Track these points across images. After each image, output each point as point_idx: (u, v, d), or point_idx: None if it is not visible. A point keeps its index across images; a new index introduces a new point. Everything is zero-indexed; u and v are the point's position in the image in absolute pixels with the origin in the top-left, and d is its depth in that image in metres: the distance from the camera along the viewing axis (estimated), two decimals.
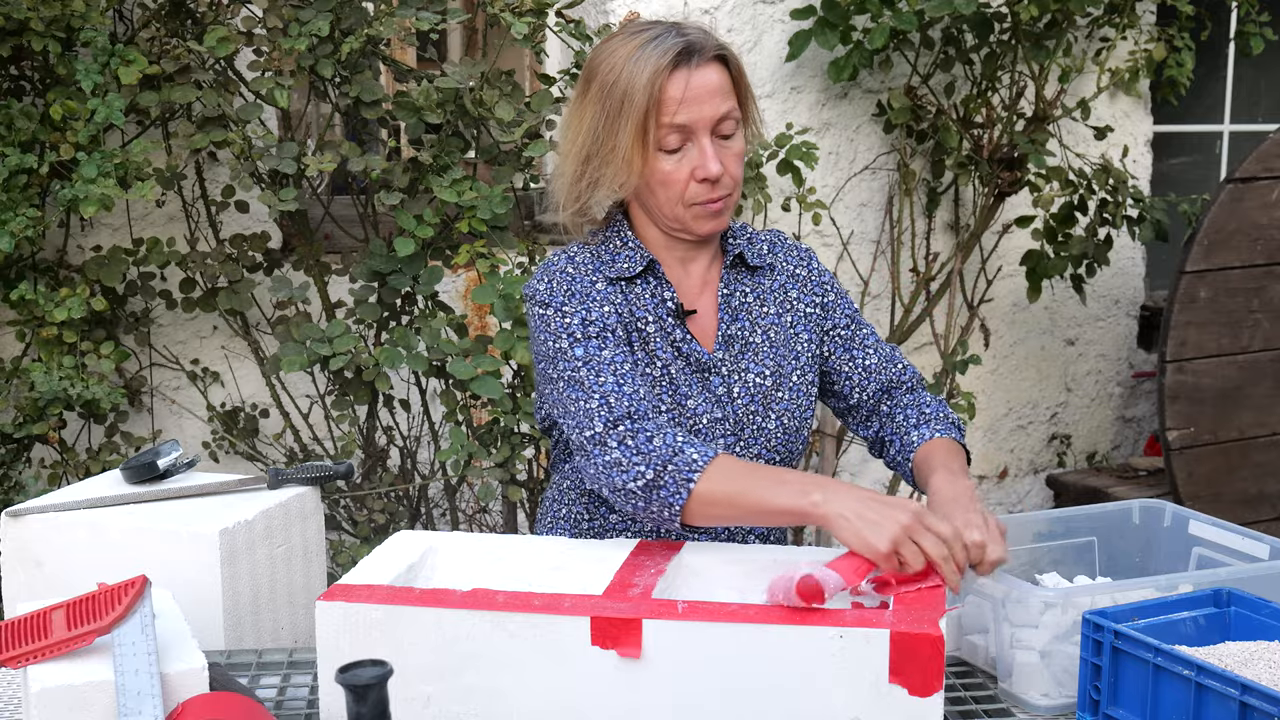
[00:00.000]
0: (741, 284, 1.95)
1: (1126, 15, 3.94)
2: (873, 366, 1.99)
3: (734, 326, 1.92)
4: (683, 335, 1.88)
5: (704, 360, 1.88)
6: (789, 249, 2.02)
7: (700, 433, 1.86)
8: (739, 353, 1.91)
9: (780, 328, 1.94)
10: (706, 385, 1.88)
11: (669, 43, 1.79)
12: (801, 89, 3.89)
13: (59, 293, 3.08)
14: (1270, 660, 1.46)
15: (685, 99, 1.78)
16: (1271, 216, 3.80)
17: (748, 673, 1.40)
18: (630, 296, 1.88)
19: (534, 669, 1.43)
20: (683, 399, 1.86)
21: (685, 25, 1.85)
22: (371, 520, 3.35)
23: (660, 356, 1.87)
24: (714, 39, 1.83)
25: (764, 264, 1.97)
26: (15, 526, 1.91)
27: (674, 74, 1.78)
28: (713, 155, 1.79)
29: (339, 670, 1.21)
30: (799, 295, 1.97)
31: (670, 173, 1.81)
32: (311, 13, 3.04)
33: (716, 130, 1.81)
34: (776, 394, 1.91)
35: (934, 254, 4.07)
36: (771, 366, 1.91)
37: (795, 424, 1.92)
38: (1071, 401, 4.53)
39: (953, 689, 1.68)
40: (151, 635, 1.41)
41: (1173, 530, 1.91)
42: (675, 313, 1.88)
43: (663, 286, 1.89)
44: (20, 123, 2.99)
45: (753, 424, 1.89)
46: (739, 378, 1.90)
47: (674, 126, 1.78)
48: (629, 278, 1.88)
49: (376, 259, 3.16)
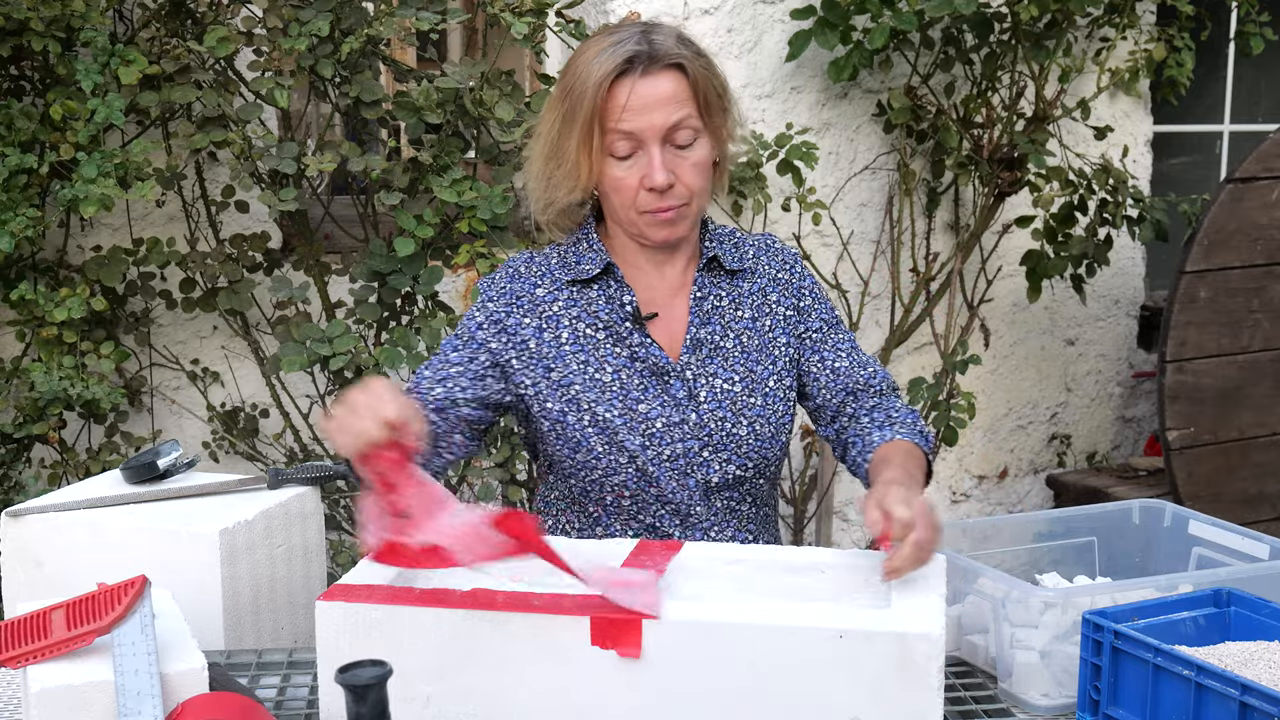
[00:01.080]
0: (717, 287, 1.93)
1: (1126, 15, 3.94)
2: (841, 369, 1.95)
3: (704, 330, 1.90)
4: (640, 339, 1.87)
5: (662, 364, 1.86)
6: (775, 253, 1.99)
7: (656, 437, 1.84)
8: (707, 357, 1.89)
9: (755, 332, 1.92)
10: (665, 389, 1.86)
11: (623, 49, 1.77)
12: (801, 89, 3.89)
13: (59, 293, 3.08)
14: (1270, 660, 1.46)
15: (631, 106, 1.77)
16: (1271, 216, 3.80)
17: (748, 673, 1.40)
18: (582, 301, 1.88)
19: (534, 669, 1.43)
20: (634, 404, 1.85)
21: (656, 30, 1.82)
22: None
23: (610, 363, 1.86)
24: (674, 47, 1.80)
25: (743, 267, 1.94)
26: (15, 526, 1.91)
27: (620, 80, 1.77)
28: (659, 165, 1.78)
29: (339, 670, 1.21)
30: (779, 299, 1.95)
31: (620, 179, 1.81)
32: (311, 13, 3.04)
33: (669, 139, 1.79)
34: (749, 400, 1.88)
35: (934, 254, 4.07)
36: (742, 372, 1.89)
37: (770, 431, 1.89)
38: (1071, 401, 4.53)
39: (953, 689, 1.68)
40: (151, 635, 1.41)
41: (1173, 530, 1.91)
42: (633, 317, 1.87)
43: (622, 290, 1.88)
44: (20, 123, 2.99)
45: (722, 430, 1.87)
46: (706, 382, 1.87)
47: (621, 133, 1.78)
48: (585, 280, 1.88)
49: (376, 259, 3.16)
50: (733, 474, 1.88)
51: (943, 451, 4.14)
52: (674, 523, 1.89)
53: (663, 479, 1.86)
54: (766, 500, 1.97)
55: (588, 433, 1.86)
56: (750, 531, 1.94)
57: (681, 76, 1.79)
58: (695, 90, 1.80)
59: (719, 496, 1.89)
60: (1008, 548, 1.91)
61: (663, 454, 1.86)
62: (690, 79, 1.80)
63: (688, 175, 1.81)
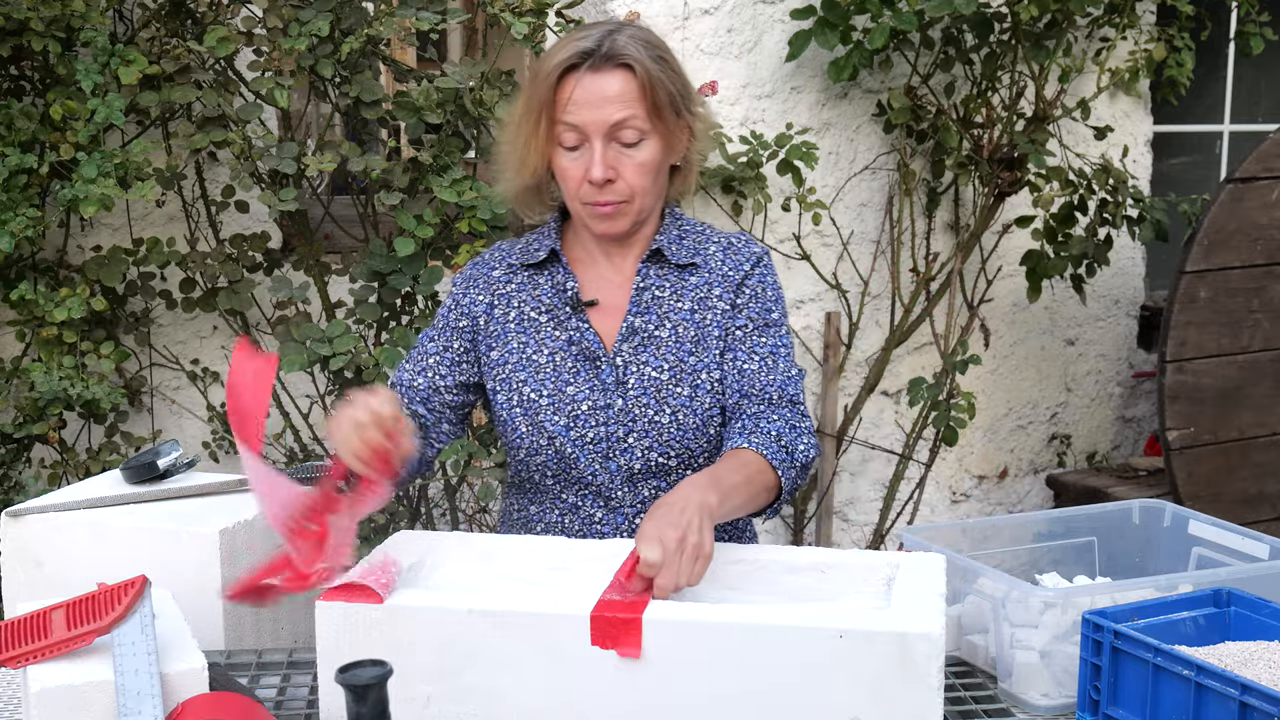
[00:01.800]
0: (661, 279, 1.96)
1: (1126, 15, 3.94)
2: (747, 371, 1.91)
3: (640, 319, 1.93)
4: (578, 324, 1.93)
5: (594, 349, 1.92)
6: (736, 251, 1.98)
7: (580, 419, 1.90)
8: (640, 345, 1.92)
9: (691, 324, 1.93)
10: (596, 374, 1.91)
11: (580, 44, 1.83)
12: (801, 89, 3.89)
13: (59, 293, 3.08)
14: (1270, 660, 1.46)
15: (576, 100, 1.82)
16: (1271, 216, 3.80)
17: (748, 673, 1.40)
18: (530, 285, 1.97)
19: (534, 669, 1.43)
20: (563, 385, 1.91)
21: (622, 30, 1.86)
22: (371, 520, 3.35)
23: (547, 345, 1.93)
24: (630, 47, 1.83)
25: (692, 262, 1.96)
26: (15, 526, 1.91)
27: (570, 74, 1.83)
28: (599, 160, 1.83)
29: (339, 670, 1.21)
30: (721, 294, 1.95)
31: (566, 169, 1.87)
32: (311, 13, 3.04)
33: (614, 136, 1.83)
34: (674, 389, 1.90)
35: (934, 254, 4.07)
36: (672, 361, 1.92)
37: (695, 421, 1.90)
38: (1071, 401, 4.53)
39: (952, 689, 1.68)
40: (151, 635, 1.41)
41: (1173, 530, 1.91)
42: (573, 302, 1.93)
43: (566, 276, 1.95)
44: (20, 123, 2.99)
45: (645, 416, 1.90)
46: (636, 370, 1.91)
47: (567, 125, 1.84)
48: (534, 264, 1.96)
49: (376, 259, 3.16)
50: (655, 460, 1.90)
51: (943, 451, 4.14)
52: (597, 504, 1.93)
53: (583, 460, 1.91)
54: None
55: (514, 412, 1.92)
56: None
57: (630, 77, 1.82)
58: (644, 92, 1.83)
59: (644, 484, 1.92)
60: (1008, 548, 1.91)
61: (585, 436, 1.90)
62: (640, 80, 1.83)
63: (630, 173, 1.85)
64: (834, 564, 1.63)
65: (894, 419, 4.19)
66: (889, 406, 4.17)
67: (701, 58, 3.73)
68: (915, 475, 4.12)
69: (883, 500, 4.08)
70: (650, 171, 1.87)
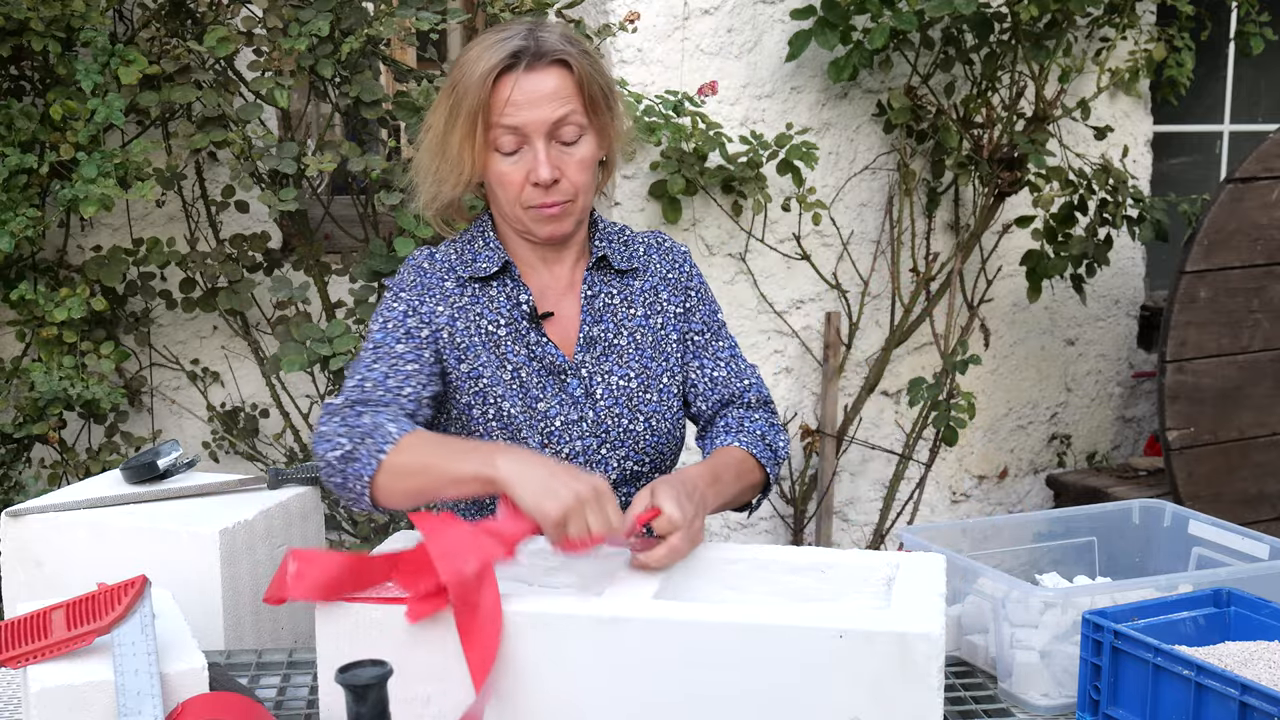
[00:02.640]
0: (608, 285, 1.94)
1: (1126, 15, 3.94)
2: (719, 379, 1.96)
3: (597, 328, 1.91)
4: (537, 338, 1.88)
5: (559, 363, 1.88)
6: (665, 251, 2.00)
7: (554, 435, 1.85)
8: (601, 355, 1.90)
9: (648, 330, 1.93)
10: (563, 387, 1.88)
11: (509, 44, 1.79)
12: (801, 89, 3.89)
13: (59, 293, 3.08)
14: (1270, 660, 1.46)
15: (514, 100, 1.77)
16: (1271, 216, 3.80)
17: (748, 673, 1.40)
18: (484, 298, 1.89)
19: (534, 669, 1.43)
20: (534, 401, 1.86)
21: (543, 27, 1.84)
22: (371, 520, 3.35)
23: (511, 360, 1.87)
24: (559, 44, 1.81)
25: (633, 266, 1.95)
26: (15, 526, 1.91)
27: (505, 76, 1.78)
28: (544, 160, 1.79)
29: (339, 670, 1.21)
30: (669, 297, 1.96)
31: (506, 174, 1.82)
32: (311, 13, 3.04)
33: (555, 135, 1.80)
34: (644, 396, 1.90)
35: (934, 254, 4.07)
36: (637, 369, 1.91)
37: (666, 426, 1.91)
38: (1071, 401, 4.53)
39: (952, 689, 1.68)
40: (151, 635, 1.41)
41: (1173, 530, 1.91)
42: (530, 316, 1.88)
43: (519, 289, 1.89)
44: (20, 123, 2.99)
45: (618, 426, 1.88)
46: (602, 380, 1.89)
47: (506, 128, 1.79)
48: (484, 278, 1.89)
49: (376, 259, 3.16)
50: (630, 469, 1.89)
51: (943, 451, 4.14)
52: None
53: None
54: None
55: (491, 426, 1.85)
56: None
57: (566, 72, 1.80)
58: (580, 87, 1.81)
59: (617, 493, 1.89)
60: (1008, 548, 1.91)
61: (561, 452, 1.86)
62: (575, 75, 1.81)
63: (573, 171, 1.82)
64: (834, 564, 1.63)
65: (894, 419, 4.19)
66: (889, 406, 4.17)
67: (701, 58, 3.73)
68: (915, 475, 4.12)
69: (883, 500, 4.08)
70: (589, 168, 1.84)
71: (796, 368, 3.99)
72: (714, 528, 3.89)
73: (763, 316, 3.92)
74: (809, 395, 4.02)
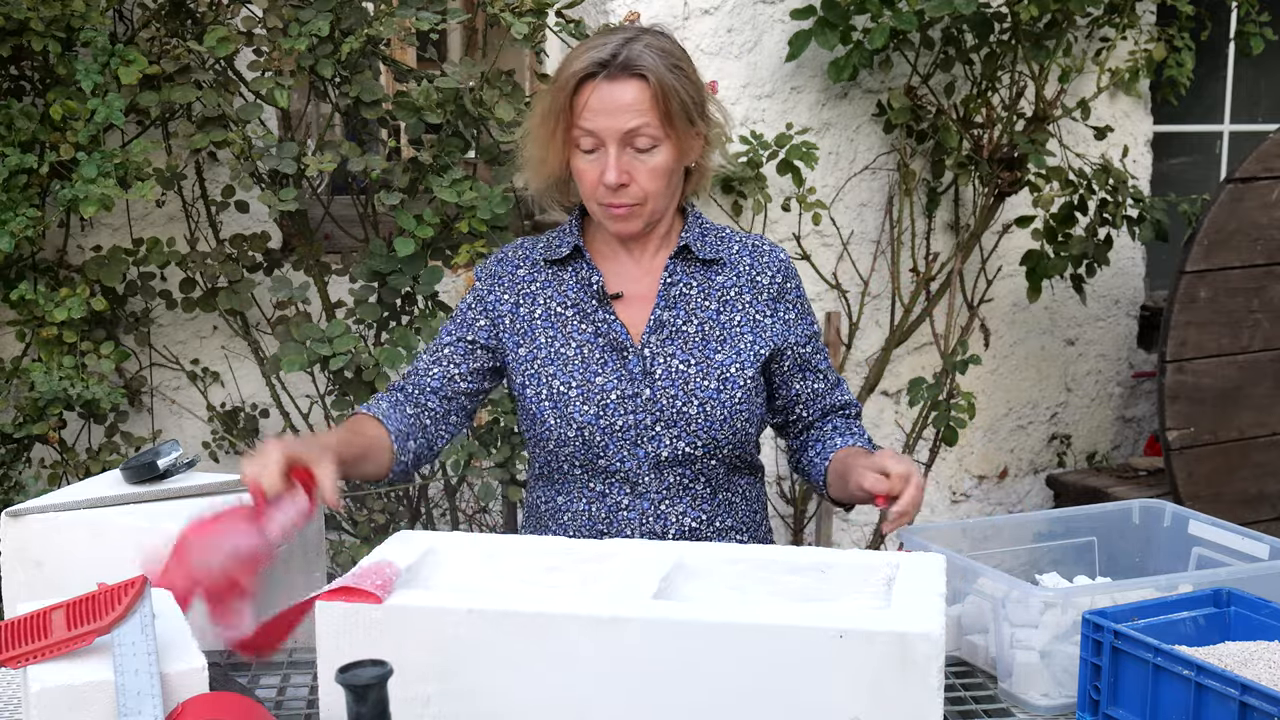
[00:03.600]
0: (689, 275, 2.04)
1: (1126, 15, 3.94)
2: (820, 391, 2.10)
3: (668, 314, 2.01)
4: (605, 316, 2.00)
5: (623, 340, 1.98)
6: (762, 254, 2.08)
7: (609, 408, 1.96)
8: (667, 338, 2.00)
9: (719, 324, 2.02)
10: (624, 364, 1.98)
11: (599, 54, 1.91)
12: (801, 89, 3.89)
13: (59, 293, 3.08)
14: (1270, 660, 1.46)
15: (592, 107, 1.90)
16: (1271, 216, 3.80)
17: (748, 673, 1.40)
18: (555, 281, 2.03)
19: (534, 669, 1.43)
20: (592, 376, 1.98)
21: (640, 39, 1.93)
22: (371, 520, 3.35)
23: (575, 337, 2.00)
24: (646, 57, 1.91)
25: (719, 258, 2.05)
26: (15, 526, 1.91)
27: (587, 82, 1.91)
28: (613, 165, 1.91)
29: (339, 670, 1.21)
30: (752, 300, 2.04)
31: (582, 170, 1.95)
32: (311, 13, 3.04)
33: (628, 142, 1.91)
34: (703, 382, 1.97)
35: (934, 254, 4.07)
36: (699, 356, 1.99)
37: (723, 414, 1.97)
38: (1071, 401, 4.53)
39: (952, 689, 1.68)
40: (151, 635, 1.41)
41: (1173, 530, 1.91)
42: (599, 296, 2.00)
43: (590, 271, 2.02)
44: (20, 123, 2.99)
45: (672, 407, 1.97)
46: (663, 361, 1.98)
47: (584, 130, 1.91)
48: (558, 260, 2.03)
49: (376, 259, 3.16)
50: (682, 450, 1.97)
51: (943, 451, 4.14)
52: (624, 491, 1.99)
53: (611, 448, 1.97)
54: (725, 485, 2.05)
55: (543, 406, 1.98)
56: (705, 511, 2.02)
57: (644, 86, 1.90)
58: (657, 101, 1.91)
59: (670, 471, 1.99)
60: (1008, 548, 1.91)
61: (615, 424, 1.96)
62: (653, 89, 1.90)
63: (643, 178, 1.93)
64: (834, 564, 1.63)
65: (894, 419, 4.19)
66: (889, 406, 4.17)
67: (701, 58, 3.73)
68: None
69: None
70: (662, 176, 1.95)
71: None
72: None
73: None
74: None
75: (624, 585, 1.52)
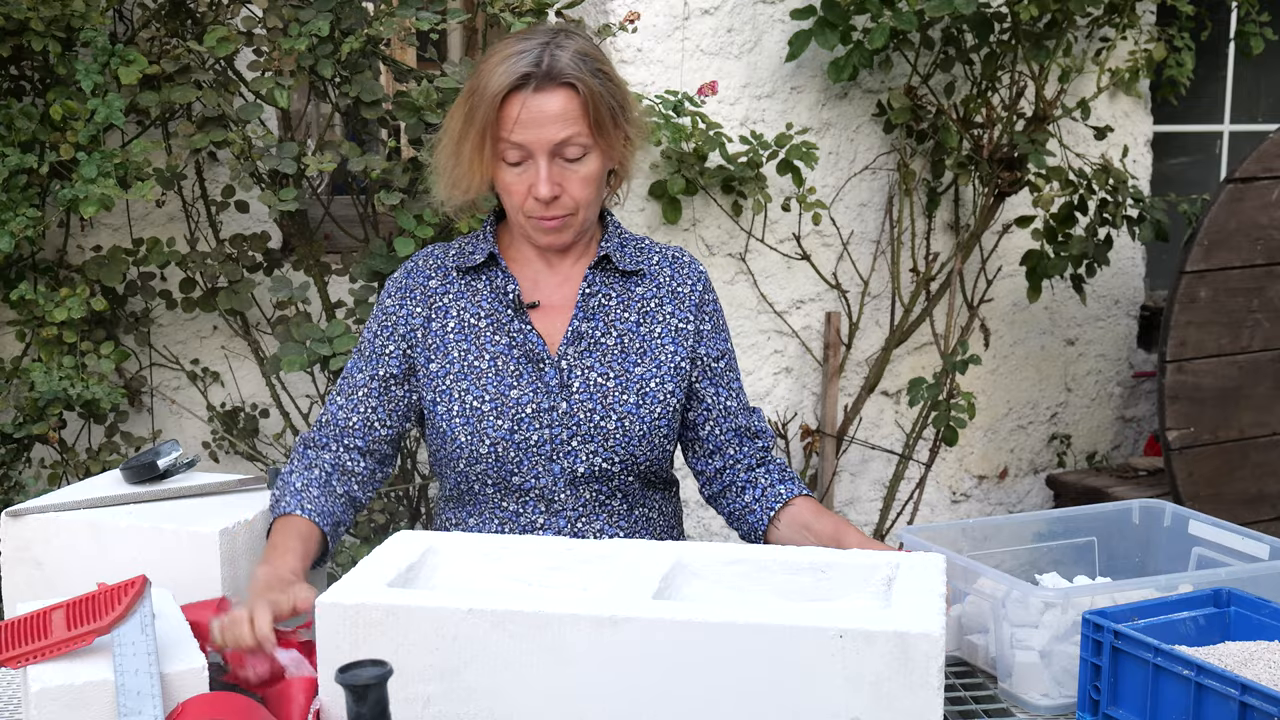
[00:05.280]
0: (608, 285, 1.99)
1: (1126, 15, 3.94)
2: (732, 408, 2.03)
3: (586, 325, 1.96)
4: (520, 326, 1.94)
5: (539, 351, 1.93)
6: (681, 265, 2.03)
7: (523, 422, 1.90)
8: (585, 350, 1.94)
9: (639, 336, 1.97)
10: (540, 376, 1.92)
11: (520, 64, 1.84)
12: (801, 89, 3.89)
13: (59, 293, 3.08)
14: (1270, 660, 1.46)
15: (521, 120, 1.84)
16: (1271, 216, 3.80)
17: (748, 673, 1.40)
18: (469, 290, 1.97)
19: (534, 669, 1.43)
20: (506, 389, 1.92)
21: (560, 44, 1.87)
22: (371, 520, 3.35)
23: (489, 349, 1.94)
24: (570, 66, 1.85)
25: (639, 269, 2.00)
26: (15, 526, 1.91)
27: (513, 95, 1.84)
28: (545, 177, 1.86)
29: (339, 670, 1.21)
30: (674, 310, 1.99)
31: (510, 184, 1.89)
32: (311, 13, 3.04)
33: (558, 153, 1.86)
34: (621, 396, 1.93)
35: (934, 254, 4.07)
36: (619, 370, 1.94)
37: (641, 430, 1.93)
38: (1071, 401, 4.53)
39: (953, 689, 1.68)
40: (151, 635, 1.41)
41: (1173, 530, 1.91)
42: (515, 305, 1.95)
43: (506, 279, 1.96)
44: (20, 123, 2.99)
45: (590, 421, 1.92)
46: (580, 374, 1.93)
47: (511, 143, 1.85)
48: (472, 268, 1.97)
49: (376, 259, 3.16)
50: (599, 466, 1.92)
51: (943, 451, 4.14)
52: (538, 509, 1.94)
53: (526, 464, 1.91)
54: (643, 501, 2.00)
55: (454, 423, 1.92)
56: (621, 528, 1.97)
57: (573, 95, 1.85)
58: (586, 108, 1.86)
59: (586, 487, 1.93)
60: (1008, 548, 1.91)
61: (530, 439, 1.91)
62: (581, 97, 1.86)
63: (575, 188, 1.88)
64: (834, 564, 1.63)
65: (894, 419, 4.19)
66: (889, 406, 4.17)
67: (701, 58, 3.73)
68: (915, 475, 4.12)
69: (883, 500, 4.08)
70: (593, 184, 1.90)
71: (796, 368, 3.99)
72: (714, 528, 3.90)
73: (763, 316, 3.92)
74: (809, 395, 4.02)
75: (624, 585, 1.52)
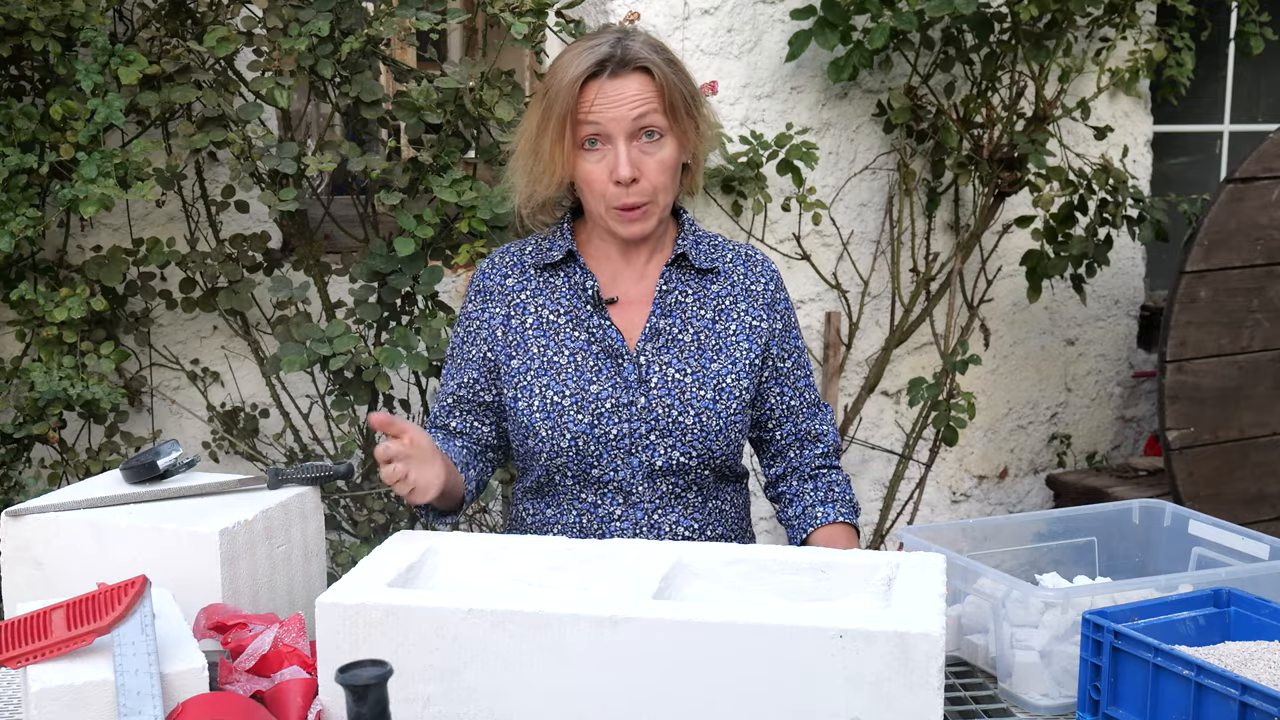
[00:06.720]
0: (684, 283, 2.03)
1: (1126, 15, 3.94)
2: (795, 408, 2.07)
3: (663, 321, 1.99)
4: (600, 322, 1.98)
5: (617, 347, 1.97)
6: (755, 263, 2.08)
7: (603, 417, 1.95)
8: (663, 346, 1.98)
9: (714, 333, 2.01)
10: (619, 371, 1.96)
11: (597, 52, 1.90)
12: (801, 89, 3.89)
13: (59, 293, 3.08)
14: (1270, 660, 1.46)
15: (598, 102, 1.89)
16: (1271, 216, 3.80)
17: (748, 673, 1.40)
18: (548, 287, 2.01)
19: (534, 669, 1.43)
20: (586, 384, 1.96)
21: (631, 36, 1.94)
22: (371, 520, 3.35)
23: (568, 345, 1.98)
24: (644, 52, 1.91)
25: (714, 268, 2.04)
26: (15, 526, 1.91)
27: (591, 82, 1.89)
28: (625, 159, 1.89)
29: (339, 670, 1.21)
30: (748, 307, 2.03)
31: (589, 172, 1.92)
32: (311, 13, 3.04)
33: (635, 136, 1.90)
34: (699, 392, 1.96)
35: (934, 254, 4.07)
36: (695, 366, 1.98)
37: (718, 424, 1.96)
38: (1071, 401, 4.53)
39: (953, 689, 1.68)
40: (151, 635, 1.41)
41: (1173, 530, 1.91)
42: (594, 301, 1.98)
43: (585, 275, 2.00)
44: (20, 123, 2.99)
45: (668, 416, 1.95)
46: (659, 370, 1.97)
47: (590, 123, 1.89)
48: (550, 265, 2.01)
49: (376, 259, 3.16)
50: (676, 460, 1.96)
51: (943, 451, 4.14)
52: (616, 501, 1.98)
53: (605, 457, 1.96)
54: (716, 494, 2.04)
55: (535, 418, 1.96)
56: (696, 520, 2.01)
57: (648, 79, 1.91)
58: (661, 93, 1.91)
59: (663, 480, 1.98)
60: (1008, 548, 1.91)
61: (609, 433, 1.95)
62: (657, 82, 1.91)
63: (652, 172, 1.92)
64: (834, 564, 1.63)
65: (894, 419, 4.19)
66: (889, 406, 4.17)
67: (701, 58, 3.73)
68: (915, 475, 4.12)
69: (883, 500, 4.08)
70: (669, 170, 1.94)
71: None
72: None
73: None
74: None
75: (624, 585, 1.52)
